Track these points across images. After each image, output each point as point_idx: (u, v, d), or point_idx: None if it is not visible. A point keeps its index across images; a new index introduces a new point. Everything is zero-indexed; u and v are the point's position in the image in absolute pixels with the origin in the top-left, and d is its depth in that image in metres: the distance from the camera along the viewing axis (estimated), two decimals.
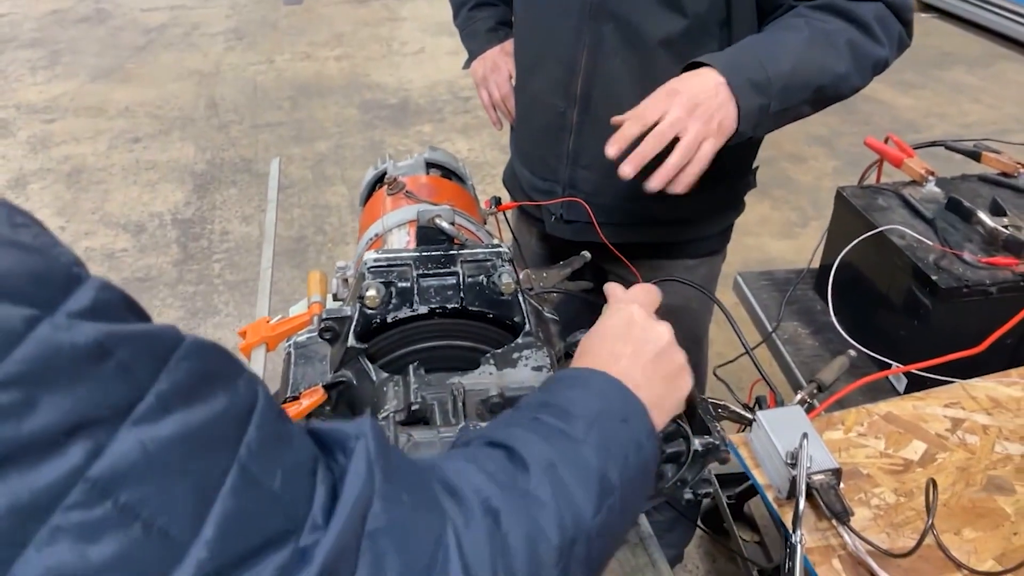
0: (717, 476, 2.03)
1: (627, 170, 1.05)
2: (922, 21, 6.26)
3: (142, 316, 0.43)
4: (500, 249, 0.96)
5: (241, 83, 5.30)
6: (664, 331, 0.75)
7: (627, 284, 1.50)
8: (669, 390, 0.73)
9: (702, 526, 1.93)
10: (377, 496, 0.47)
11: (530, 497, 0.53)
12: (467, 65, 1.71)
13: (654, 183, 1.04)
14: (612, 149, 1.06)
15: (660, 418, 0.69)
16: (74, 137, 4.58)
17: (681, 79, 1.10)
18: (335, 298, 1.23)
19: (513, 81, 1.57)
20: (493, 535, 0.50)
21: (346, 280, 1.20)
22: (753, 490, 1.15)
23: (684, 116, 1.04)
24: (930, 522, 0.95)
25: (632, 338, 0.72)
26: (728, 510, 1.96)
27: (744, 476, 1.39)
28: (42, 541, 0.34)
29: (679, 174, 1.06)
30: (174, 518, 0.38)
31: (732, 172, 1.47)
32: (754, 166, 1.54)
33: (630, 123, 1.05)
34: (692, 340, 1.62)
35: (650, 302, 0.80)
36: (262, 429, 0.43)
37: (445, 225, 0.95)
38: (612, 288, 0.85)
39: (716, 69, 1.09)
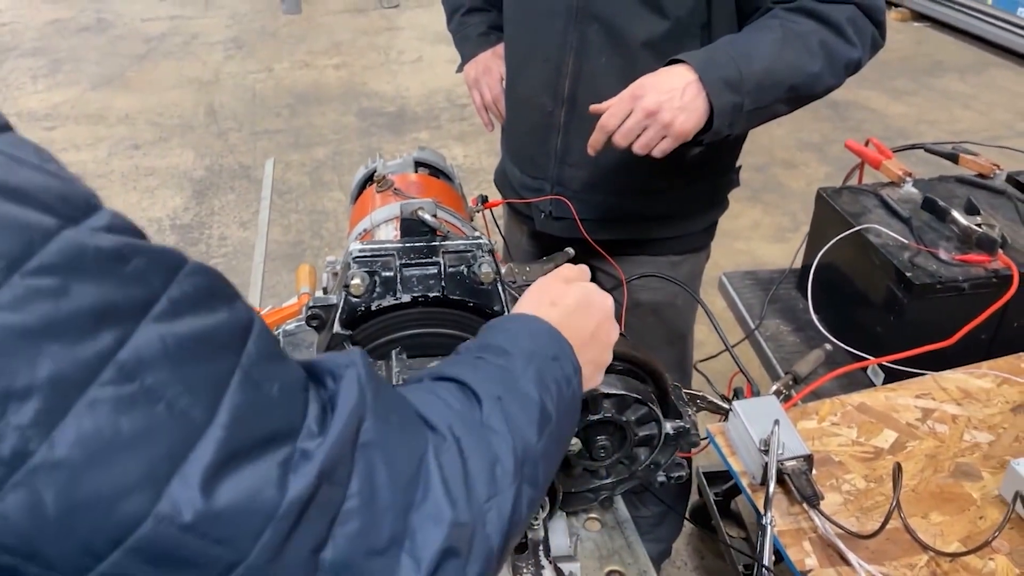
0: (705, 474, 2.07)
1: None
2: (915, 30, 6.32)
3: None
4: (480, 241, 1.00)
5: (240, 91, 5.35)
6: (590, 287, 0.82)
7: (612, 280, 1.54)
8: (595, 335, 0.79)
9: (690, 519, 1.96)
10: (369, 412, 0.51)
11: (485, 427, 0.60)
12: (460, 69, 1.75)
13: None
14: (592, 152, 1.25)
15: (586, 358, 0.75)
16: (74, 144, 4.62)
17: (653, 76, 1.17)
18: (325, 292, 1.27)
19: (504, 83, 1.61)
20: (462, 459, 0.56)
21: (335, 274, 1.24)
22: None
23: (641, 119, 1.16)
24: (895, 502, 0.98)
25: (560, 291, 0.79)
26: (716, 507, 1.99)
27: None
28: (81, 410, 0.39)
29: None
30: (193, 401, 0.43)
31: (714, 170, 1.51)
32: (737, 165, 1.58)
33: (596, 134, 1.22)
34: (677, 336, 1.65)
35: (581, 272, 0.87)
36: (259, 344, 0.48)
37: (427, 217, 0.99)
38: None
39: (692, 67, 1.15)
